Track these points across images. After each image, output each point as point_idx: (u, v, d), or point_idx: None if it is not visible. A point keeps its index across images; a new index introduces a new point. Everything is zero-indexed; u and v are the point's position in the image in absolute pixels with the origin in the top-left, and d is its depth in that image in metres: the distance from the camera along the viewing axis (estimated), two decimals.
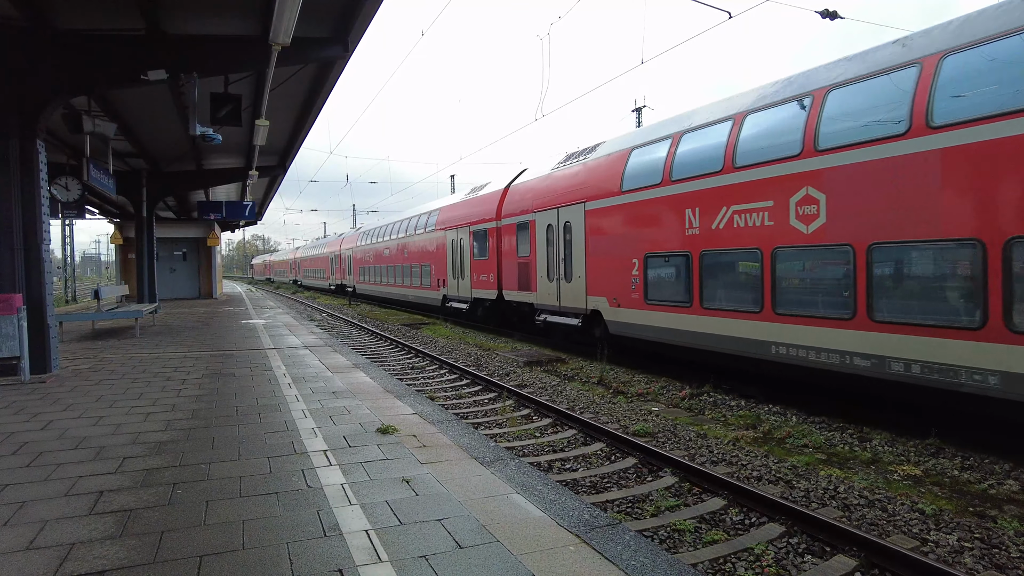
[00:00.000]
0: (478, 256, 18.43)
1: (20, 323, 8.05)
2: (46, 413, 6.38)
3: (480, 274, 18.36)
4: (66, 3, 8.03)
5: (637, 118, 26.69)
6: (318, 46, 9.43)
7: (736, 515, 5.17)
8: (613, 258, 11.86)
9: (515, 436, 7.63)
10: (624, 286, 11.48)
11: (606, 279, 12.08)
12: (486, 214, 17.90)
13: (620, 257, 11.58)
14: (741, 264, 9.19)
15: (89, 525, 3.57)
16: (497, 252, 17.14)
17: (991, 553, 4.47)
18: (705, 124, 10.02)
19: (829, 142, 7.82)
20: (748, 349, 8.94)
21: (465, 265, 19.41)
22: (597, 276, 12.39)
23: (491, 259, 17.47)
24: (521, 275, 15.76)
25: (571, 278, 13.30)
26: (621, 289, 11.59)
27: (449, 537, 3.38)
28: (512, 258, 16.25)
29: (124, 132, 13.59)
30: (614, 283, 11.80)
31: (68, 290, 33.51)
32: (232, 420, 5.99)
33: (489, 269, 17.66)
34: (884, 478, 6.02)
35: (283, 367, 9.21)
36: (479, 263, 18.37)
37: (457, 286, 20.31)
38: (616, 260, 11.74)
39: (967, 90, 6.51)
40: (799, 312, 8.22)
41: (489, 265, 17.65)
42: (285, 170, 20.40)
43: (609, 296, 11.97)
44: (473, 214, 18.94)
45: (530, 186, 15.74)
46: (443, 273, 21.49)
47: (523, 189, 16.10)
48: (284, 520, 3.61)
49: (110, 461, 4.75)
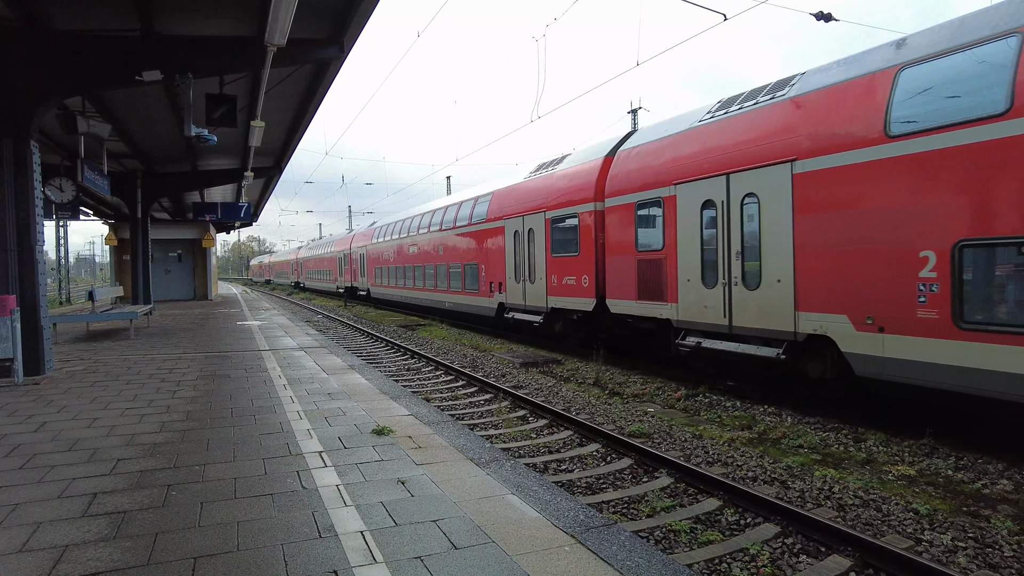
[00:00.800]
0: (559, 251, 13.89)
1: (14, 325, 8.01)
2: (40, 415, 6.34)
3: (563, 275, 13.66)
4: (60, 3, 8.00)
5: (633, 120, 26.75)
6: (314, 47, 9.41)
7: (731, 515, 5.18)
8: (867, 249, 7.30)
9: (511, 437, 7.63)
10: (896, 296, 6.98)
11: (845, 284, 7.56)
12: (576, 193, 13.27)
13: (887, 246, 7.08)
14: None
15: (83, 527, 3.55)
16: (597, 245, 12.52)
17: (985, 552, 4.49)
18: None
19: None
20: None
21: (537, 263, 14.78)
22: (820, 279, 7.87)
23: (585, 255, 12.87)
24: (645, 277, 11.06)
25: (757, 283, 8.79)
26: (885, 300, 7.10)
27: (444, 538, 3.38)
28: (625, 253, 11.58)
29: (119, 133, 13.55)
30: (867, 291, 7.30)
31: (62, 292, 33.33)
32: (227, 422, 5.97)
33: (580, 268, 13.04)
34: (879, 478, 6.04)
35: (278, 368, 9.19)
36: (561, 261, 13.79)
37: (522, 291, 15.55)
38: (876, 252, 7.20)
39: None
40: None
41: (580, 263, 13.05)
42: (281, 171, 20.35)
43: (853, 312, 7.46)
44: (551, 195, 14.27)
45: (659, 149, 10.98)
46: (498, 274, 16.76)
47: (646, 154, 11.32)
48: (279, 521, 3.60)
49: (104, 463, 4.73)
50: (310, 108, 13.13)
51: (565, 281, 13.71)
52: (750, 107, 9.26)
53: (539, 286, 14.74)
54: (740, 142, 9.14)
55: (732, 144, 9.28)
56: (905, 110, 7.00)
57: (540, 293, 14.71)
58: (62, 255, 34.19)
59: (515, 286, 15.88)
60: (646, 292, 11.11)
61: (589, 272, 12.79)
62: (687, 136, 10.40)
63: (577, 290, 13.23)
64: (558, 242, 14.01)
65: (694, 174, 9.93)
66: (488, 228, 17.55)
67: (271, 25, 7.25)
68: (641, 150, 11.63)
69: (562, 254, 13.83)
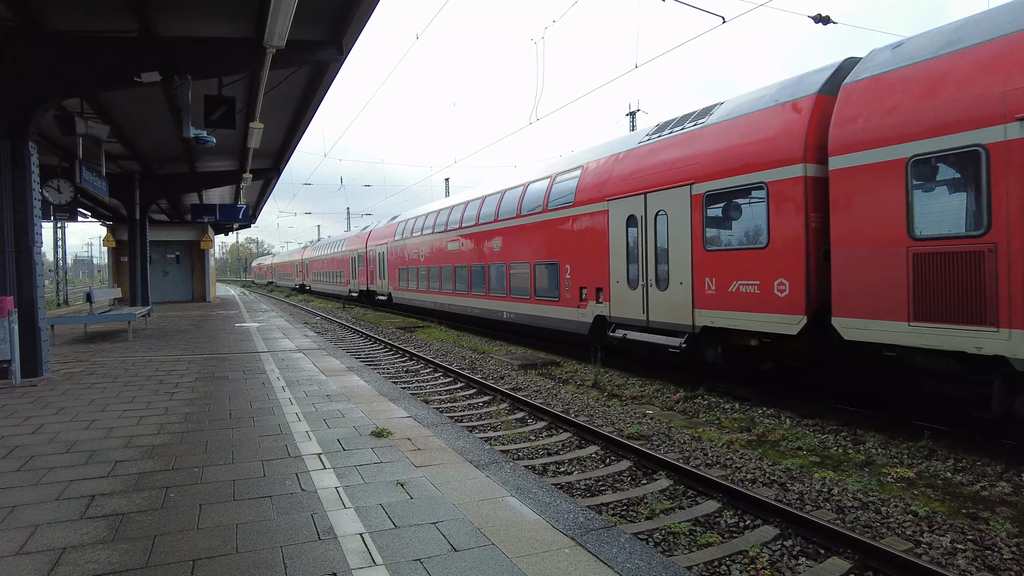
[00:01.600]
0: (722, 243, 9.62)
1: (11, 326, 7.99)
2: (37, 417, 6.32)
3: (730, 278, 9.26)
4: (58, 4, 7.99)
5: (631, 122, 26.80)
6: (313, 49, 9.42)
7: (730, 518, 5.18)
8: None
9: (510, 439, 7.62)
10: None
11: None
12: (762, 153, 8.80)
13: None
14: None
15: (81, 529, 3.54)
16: (807, 230, 8.19)
17: (984, 555, 4.49)
18: None
19: None
20: None
21: (674, 261, 10.26)
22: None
23: (781, 247, 8.51)
24: (934, 284, 6.71)
25: None
26: None
27: (444, 540, 3.37)
28: (883, 244, 7.19)
29: (117, 134, 13.54)
30: None
31: (60, 293, 33.29)
32: (225, 423, 5.96)
33: (771, 268, 8.64)
34: (877, 480, 6.05)
35: (277, 370, 9.17)
36: (726, 257, 9.41)
37: (641, 301, 10.95)
38: None
39: None
40: None
41: (771, 260, 8.65)
42: (279, 173, 20.34)
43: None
44: (704, 161, 9.75)
45: (975, 59, 6.58)
46: (595, 276, 12.27)
47: (926, 78, 6.96)
48: (278, 524, 3.59)
49: (102, 465, 4.72)
50: (309, 110, 13.13)
51: (735, 288, 9.14)
52: None
53: (677, 294, 10.14)
54: None
55: None
56: None
57: (679, 304, 10.08)
58: (60, 256, 34.16)
59: (627, 294, 11.29)
60: (938, 309, 6.63)
61: (791, 273, 8.31)
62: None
63: (762, 302, 8.68)
64: (719, 229, 9.71)
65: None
66: (576, 214, 12.94)
67: (270, 27, 7.25)
68: (912, 74, 7.12)
69: (728, 247, 9.48)
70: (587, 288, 12.63)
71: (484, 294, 17.77)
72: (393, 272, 27.28)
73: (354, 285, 35.19)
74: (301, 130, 14.86)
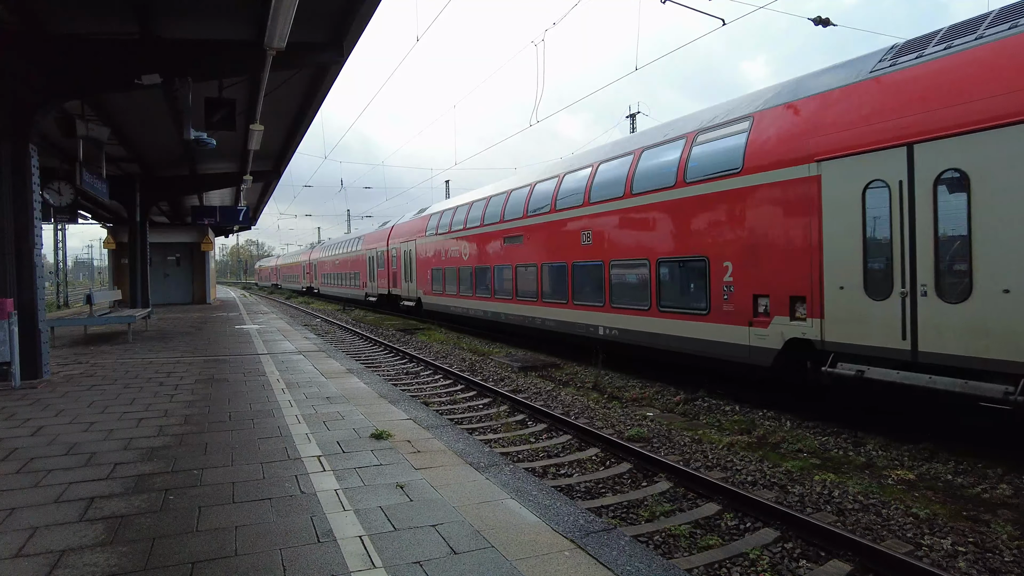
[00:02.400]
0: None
1: (11, 328, 7.99)
2: (36, 419, 6.32)
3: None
4: (59, 7, 8.00)
5: (631, 124, 26.82)
6: (313, 51, 9.43)
7: (731, 520, 5.17)
8: None
9: (509, 441, 7.61)
10: None
11: None
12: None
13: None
14: None
15: (80, 532, 3.53)
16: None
17: (985, 557, 4.48)
18: None
19: None
20: None
21: (1011, 253, 6.03)
22: None
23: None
24: None
25: None
26: None
27: (444, 543, 3.37)
28: None
29: (118, 136, 13.55)
30: None
31: (60, 295, 33.30)
32: (225, 426, 5.95)
33: None
34: (878, 483, 6.04)
35: (276, 372, 9.16)
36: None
37: (898, 320, 6.95)
38: None
39: None
40: None
41: None
42: (279, 175, 20.34)
43: None
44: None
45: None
46: (789, 279, 8.31)
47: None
48: (277, 526, 3.58)
49: (101, 467, 4.71)
50: (309, 112, 13.13)
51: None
52: None
53: (994, 308, 6.14)
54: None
55: None
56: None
57: (1000, 327, 6.10)
58: (60, 258, 34.17)
59: (865, 307, 7.30)
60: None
61: None
62: None
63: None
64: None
65: None
66: (747, 186, 8.89)
67: (271, 29, 7.25)
68: None
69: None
70: (770, 296, 8.58)
71: (564, 302, 13.60)
72: (424, 273, 22.90)
73: (372, 288, 30.95)
74: (301, 132, 14.86)
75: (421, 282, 23.26)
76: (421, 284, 23.27)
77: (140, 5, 7.95)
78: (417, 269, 23.75)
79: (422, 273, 23.16)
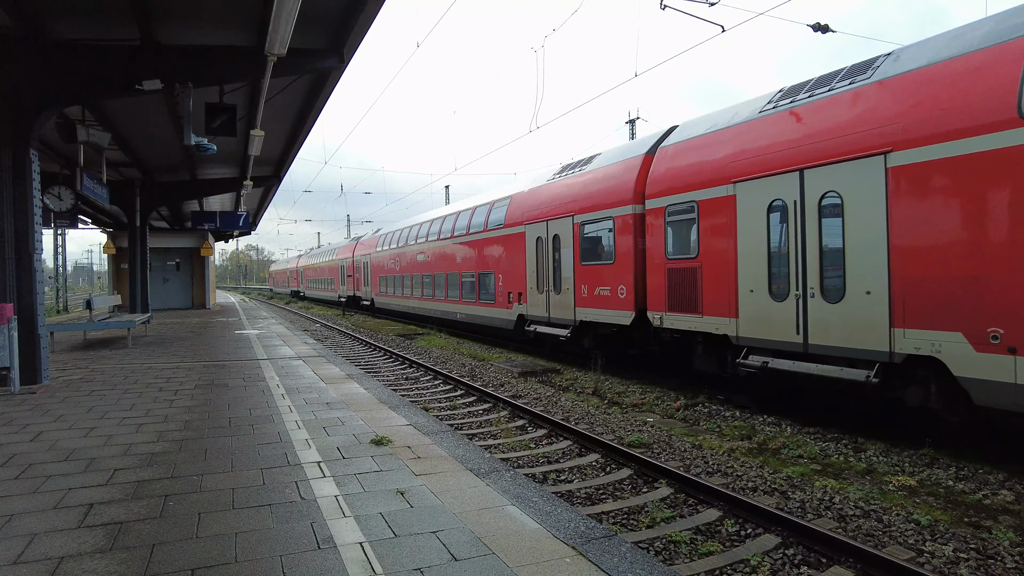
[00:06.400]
0: None
1: (11, 333, 7.98)
2: (36, 424, 6.30)
3: None
4: (60, 13, 8.03)
5: (631, 130, 26.89)
6: (314, 57, 9.45)
7: (732, 526, 5.15)
8: None
9: (510, 447, 7.59)
10: None
11: None
12: None
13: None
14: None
15: (79, 538, 3.52)
16: None
17: (987, 564, 4.47)
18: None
19: None
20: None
21: None
22: None
23: None
24: None
25: None
26: None
27: (444, 549, 3.36)
28: None
29: (118, 142, 13.55)
30: None
31: (60, 300, 33.27)
32: (225, 431, 5.94)
33: None
34: (879, 489, 6.02)
35: (276, 378, 9.15)
36: None
37: None
38: None
39: None
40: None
41: None
42: (280, 180, 20.36)
43: None
44: None
45: None
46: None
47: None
48: (277, 532, 3.57)
49: (101, 473, 4.70)
50: (309, 117, 13.16)
51: None
52: None
53: None
54: None
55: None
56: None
57: None
58: (60, 263, 34.16)
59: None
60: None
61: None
62: None
63: None
64: None
65: None
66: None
67: (271, 35, 7.27)
68: None
69: None
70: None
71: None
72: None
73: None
74: (302, 138, 14.88)
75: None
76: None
77: (141, 11, 7.98)
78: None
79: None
